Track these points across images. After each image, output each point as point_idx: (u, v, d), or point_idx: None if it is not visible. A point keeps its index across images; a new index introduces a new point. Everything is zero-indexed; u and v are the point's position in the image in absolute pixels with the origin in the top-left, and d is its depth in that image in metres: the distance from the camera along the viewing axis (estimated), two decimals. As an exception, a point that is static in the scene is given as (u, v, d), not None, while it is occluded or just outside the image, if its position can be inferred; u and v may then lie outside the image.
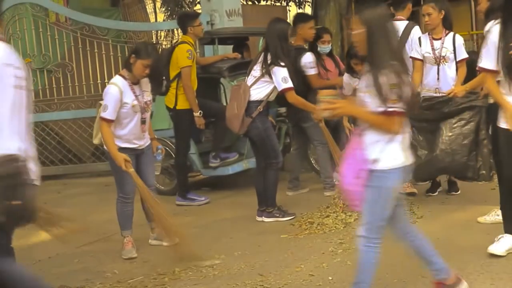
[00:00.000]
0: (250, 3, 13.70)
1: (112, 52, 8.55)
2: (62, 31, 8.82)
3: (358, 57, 5.78)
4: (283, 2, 14.11)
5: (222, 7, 7.94)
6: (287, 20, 7.67)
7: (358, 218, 5.33)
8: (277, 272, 4.23)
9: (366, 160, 3.14)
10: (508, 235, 4.20)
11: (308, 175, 7.37)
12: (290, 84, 5.39)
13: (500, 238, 4.22)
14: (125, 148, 4.80)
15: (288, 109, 6.55)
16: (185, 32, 6.53)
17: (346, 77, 6.14)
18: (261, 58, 5.48)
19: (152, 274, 4.44)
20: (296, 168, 6.73)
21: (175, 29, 11.09)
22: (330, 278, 4.06)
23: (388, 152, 3.13)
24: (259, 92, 5.46)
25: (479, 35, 9.78)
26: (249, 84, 5.49)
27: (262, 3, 14.20)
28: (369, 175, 3.14)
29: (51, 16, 9.40)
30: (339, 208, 5.59)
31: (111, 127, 4.71)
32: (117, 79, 4.79)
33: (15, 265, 3.29)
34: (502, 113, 3.88)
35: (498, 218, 4.67)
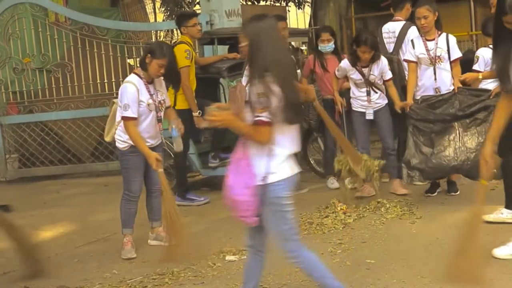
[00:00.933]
0: (249, 3, 13.69)
1: (111, 52, 8.54)
2: (61, 31, 8.81)
3: (368, 45, 5.82)
4: (282, 2, 14.10)
5: (221, 7, 7.94)
6: (286, 21, 7.66)
7: (358, 218, 5.37)
8: (276, 273, 4.23)
9: (253, 174, 3.14)
10: None
11: (307, 175, 7.37)
12: None
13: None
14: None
15: None
16: (181, 32, 6.54)
17: (344, 62, 6.13)
18: None
19: (151, 274, 4.45)
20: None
21: (174, 29, 11.07)
22: (329, 278, 4.05)
23: (272, 166, 3.13)
24: None
25: (478, 35, 9.80)
26: (244, 84, 5.52)
27: (262, 3, 14.18)
28: (259, 190, 3.13)
29: (51, 16, 9.39)
30: (338, 208, 5.60)
31: (136, 126, 4.72)
32: (132, 77, 4.84)
33: None
34: None
35: (501, 216, 4.68)
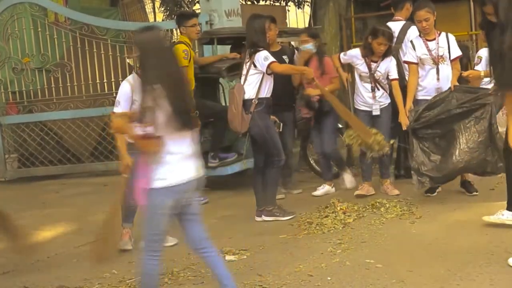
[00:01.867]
0: (249, 3, 13.69)
1: (111, 52, 8.53)
2: (61, 31, 8.80)
3: (386, 37, 5.87)
4: (282, 2, 14.10)
5: (221, 7, 7.93)
6: (286, 21, 7.69)
7: (357, 218, 5.36)
8: (276, 273, 4.23)
9: (148, 179, 3.31)
10: None
11: (307, 175, 7.38)
12: (271, 59, 5.47)
13: None
14: (134, 145, 4.82)
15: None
16: (180, 32, 6.55)
17: (355, 51, 6.16)
18: (246, 55, 5.61)
19: (151, 274, 4.44)
20: (293, 168, 6.75)
21: (174, 29, 11.08)
22: (329, 278, 4.06)
23: (157, 173, 3.27)
24: (252, 87, 5.51)
25: (478, 35, 9.79)
26: (242, 83, 5.58)
27: (262, 3, 14.19)
28: (145, 193, 3.31)
29: (50, 15, 9.39)
30: (338, 208, 5.60)
31: None
32: (131, 76, 4.96)
33: None
34: None
35: (502, 218, 4.68)
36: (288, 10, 13.38)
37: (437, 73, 5.70)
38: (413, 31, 6.26)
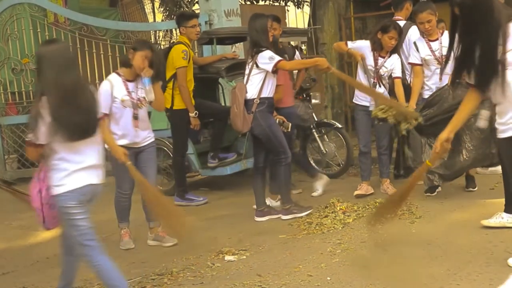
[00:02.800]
0: (248, 3, 13.68)
1: (110, 52, 8.53)
2: (60, 31, 8.81)
3: (397, 30, 5.90)
4: (281, 2, 14.10)
5: (220, 7, 7.93)
6: (285, 21, 7.68)
7: (357, 218, 5.36)
8: (276, 273, 4.23)
9: (45, 184, 3.50)
10: None
11: (305, 174, 7.37)
12: (277, 57, 5.45)
13: None
14: (122, 146, 4.87)
15: None
16: (180, 32, 6.54)
17: (365, 42, 6.12)
18: (249, 56, 5.59)
19: (150, 274, 4.44)
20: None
21: (173, 29, 11.07)
22: (329, 278, 4.05)
23: (58, 179, 3.45)
24: (254, 87, 5.49)
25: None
26: (244, 83, 5.57)
27: (261, 3, 14.18)
28: (52, 200, 3.49)
29: (50, 16, 9.40)
30: (337, 208, 5.59)
31: (106, 122, 4.82)
32: (111, 75, 5.03)
33: None
34: None
35: (502, 220, 4.68)
36: (288, 10, 13.38)
37: (441, 72, 5.70)
38: (414, 31, 6.27)
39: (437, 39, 5.73)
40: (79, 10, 9.36)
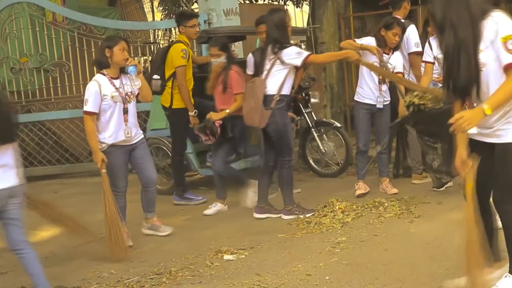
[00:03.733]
0: (247, 2, 13.67)
1: (109, 51, 8.51)
2: (59, 31, 8.80)
3: (401, 27, 5.98)
4: (280, 1, 14.08)
5: (219, 6, 7.92)
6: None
7: (356, 217, 5.36)
8: (274, 272, 4.22)
9: None
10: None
11: (306, 174, 7.38)
12: (305, 53, 5.45)
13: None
14: (115, 146, 5.00)
15: None
16: (179, 31, 6.54)
17: (371, 39, 6.09)
18: (268, 50, 5.47)
19: (149, 274, 4.44)
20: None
21: (172, 28, 11.06)
22: (327, 277, 4.05)
23: None
24: (274, 83, 5.43)
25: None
26: (263, 78, 5.49)
27: (260, 2, 14.16)
28: None
29: (48, 15, 9.38)
30: (336, 207, 5.59)
31: (94, 122, 4.98)
32: (96, 76, 5.12)
33: None
34: None
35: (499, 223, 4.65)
36: (287, 10, 13.37)
37: None
38: (412, 30, 6.28)
39: None
40: (78, 9, 9.34)
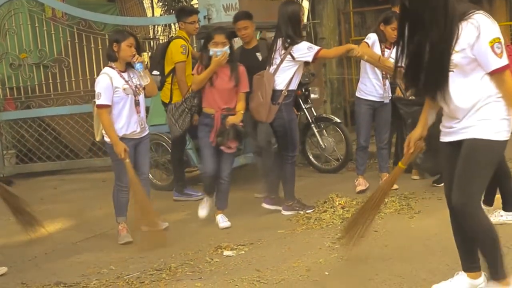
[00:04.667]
0: (247, -3, 13.64)
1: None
2: (58, 26, 8.77)
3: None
4: (281, -4, 14.04)
5: (219, 1, 7.88)
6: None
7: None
8: (274, 268, 4.22)
9: None
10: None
11: (306, 169, 7.37)
12: (316, 47, 5.39)
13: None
14: (124, 138, 5.03)
15: None
16: (179, 27, 6.53)
17: (374, 35, 6.09)
18: (279, 44, 5.43)
19: (148, 270, 4.43)
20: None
21: (172, 24, 11.03)
22: (327, 273, 4.05)
23: None
24: (283, 78, 5.40)
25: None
26: (272, 72, 5.45)
27: (260, -3, 14.14)
28: None
29: (48, 11, 9.35)
30: (336, 203, 5.59)
31: (109, 114, 4.99)
32: (105, 69, 5.14)
33: None
34: None
35: (502, 219, 4.67)
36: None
37: None
38: None
39: None
40: (77, 5, 9.29)
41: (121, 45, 5.00)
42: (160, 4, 14.80)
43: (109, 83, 4.97)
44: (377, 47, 6.05)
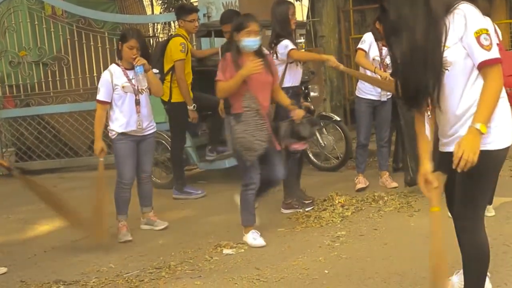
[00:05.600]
0: (247, -5, 13.62)
1: (108, 45, 8.48)
2: (58, 24, 8.78)
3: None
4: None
5: (218, -1, 7.89)
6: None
7: (356, 211, 5.35)
8: (274, 266, 4.22)
9: None
10: None
11: (304, 168, 7.35)
12: (289, 47, 5.38)
13: None
14: (125, 134, 5.09)
15: None
16: (178, 25, 6.53)
17: (368, 34, 6.15)
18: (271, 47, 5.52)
19: (148, 268, 4.43)
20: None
21: (171, 22, 11.03)
22: (327, 271, 4.05)
23: None
24: (280, 76, 5.42)
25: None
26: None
27: (260, -5, 14.12)
28: None
29: (47, 9, 9.35)
30: (336, 201, 5.59)
31: (104, 111, 5.04)
32: (111, 65, 5.19)
33: None
34: None
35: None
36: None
37: None
38: None
39: None
40: (77, 3, 9.28)
41: (123, 45, 5.03)
42: (160, 2, 14.82)
43: (108, 80, 5.01)
44: (374, 47, 6.04)
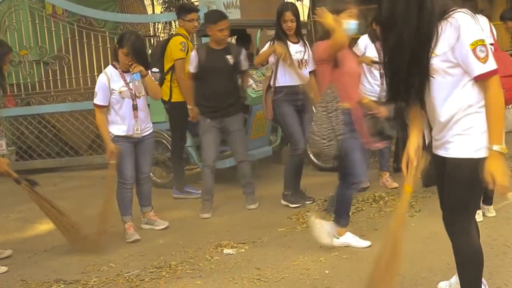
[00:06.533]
0: (248, -5, 13.63)
1: (109, 44, 8.47)
2: (58, 23, 8.76)
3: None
4: (281, -6, 14.03)
5: (219, -1, 7.89)
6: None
7: (356, 211, 5.36)
8: (274, 266, 4.22)
9: None
10: None
11: (305, 168, 7.34)
12: (264, 49, 5.74)
13: None
14: (122, 136, 5.02)
15: None
16: (179, 24, 6.55)
17: (363, 38, 6.23)
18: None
19: (148, 267, 4.43)
20: None
21: (172, 21, 11.04)
22: (327, 271, 4.05)
23: None
24: (273, 76, 5.67)
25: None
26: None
27: (260, -5, 14.12)
28: None
29: (48, 8, 9.33)
30: (336, 201, 5.58)
31: (104, 114, 4.98)
32: (107, 68, 5.10)
33: None
34: None
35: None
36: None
37: None
38: None
39: None
40: (78, 2, 9.28)
41: (118, 51, 4.97)
42: (161, 1, 14.82)
43: (105, 84, 4.94)
44: (371, 49, 6.05)
